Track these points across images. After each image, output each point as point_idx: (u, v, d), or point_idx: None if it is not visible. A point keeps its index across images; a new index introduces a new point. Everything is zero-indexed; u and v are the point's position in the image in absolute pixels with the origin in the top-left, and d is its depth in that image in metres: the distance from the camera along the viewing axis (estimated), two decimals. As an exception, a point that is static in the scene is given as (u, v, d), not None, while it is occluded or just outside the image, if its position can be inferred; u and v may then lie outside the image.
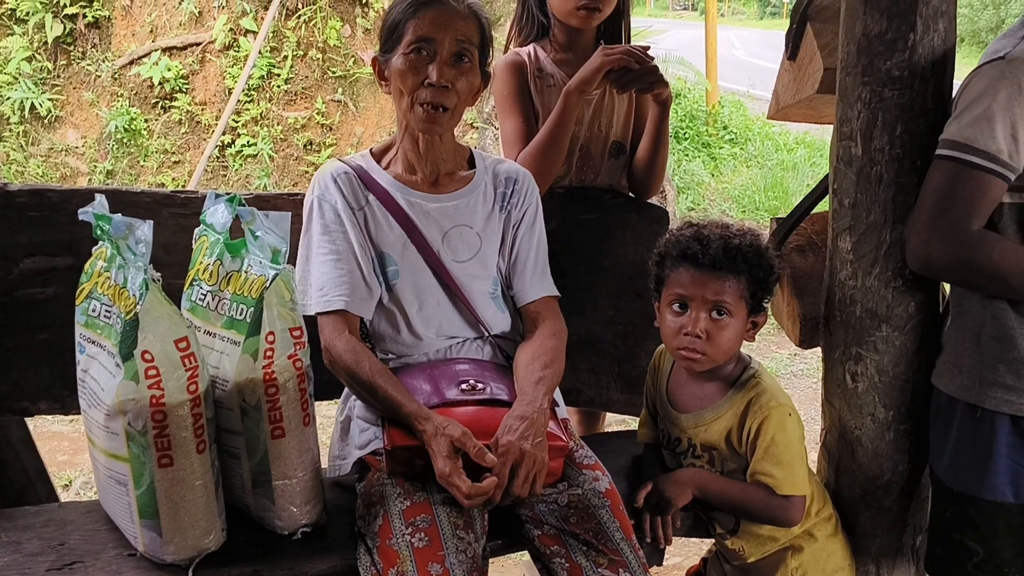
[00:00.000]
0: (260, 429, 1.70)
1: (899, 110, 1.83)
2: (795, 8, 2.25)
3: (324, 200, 1.95)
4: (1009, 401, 1.74)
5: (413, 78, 1.89)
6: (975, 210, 1.69)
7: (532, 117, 2.38)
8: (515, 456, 1.69)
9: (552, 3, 2.37)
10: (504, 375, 1.92)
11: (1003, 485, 1.76)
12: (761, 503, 1.88)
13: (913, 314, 1.90)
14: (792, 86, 2.31)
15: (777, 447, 1.85)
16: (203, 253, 1.80)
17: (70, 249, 1.98)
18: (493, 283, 2.04)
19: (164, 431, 1.59)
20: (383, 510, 1.72)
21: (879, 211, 1.87)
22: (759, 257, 1.85)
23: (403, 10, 1.91)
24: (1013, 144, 1.66)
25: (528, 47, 2.44)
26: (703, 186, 7.76)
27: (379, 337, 1.98)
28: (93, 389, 1.64)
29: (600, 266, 2.35)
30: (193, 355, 1.61)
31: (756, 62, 11.04)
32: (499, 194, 2.06)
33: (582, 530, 1.74)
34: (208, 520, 1.68)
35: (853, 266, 1.93)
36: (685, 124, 8.79)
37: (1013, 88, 1.64)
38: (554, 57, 2.42)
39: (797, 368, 4.88)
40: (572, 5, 2.30)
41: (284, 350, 1.69)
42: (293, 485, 1.74)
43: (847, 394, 1.99)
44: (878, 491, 2.01)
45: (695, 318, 1.85)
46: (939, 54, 1.82)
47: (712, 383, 1.95)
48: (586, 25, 2.35)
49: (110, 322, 1.62)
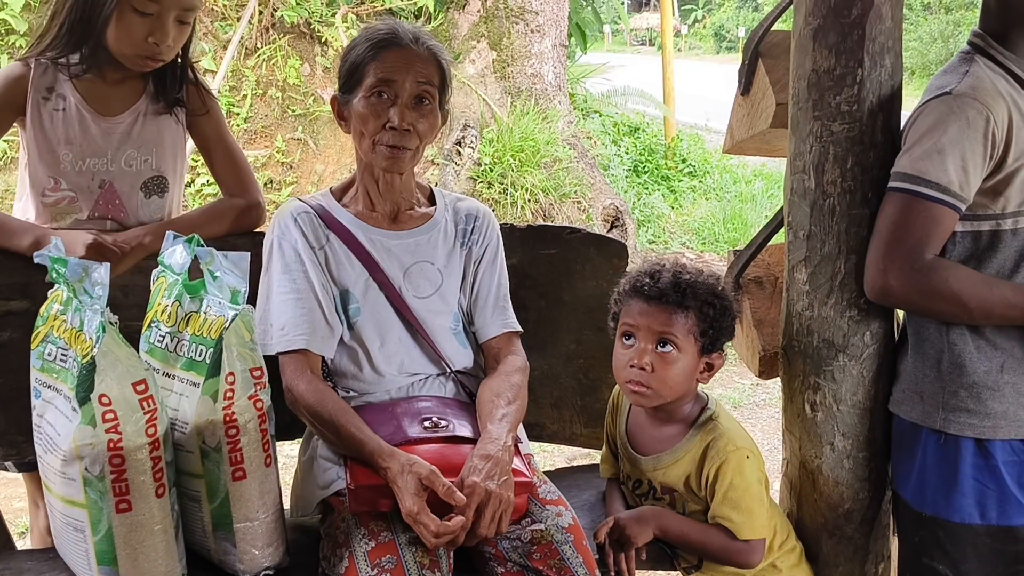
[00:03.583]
0: (221, 471, 1.68)
1: (849, 143, 1.87)
2: (747, 44, 2.30)
3: (284, 239, 1.95)
4: (972, 425, 1.78)
5: (375, 121, 1.90)
6: (929, 240, 1.73)
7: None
8: (481, 497, 1.68)
9: (112, 37, 2.01)
10: (467, 412, 1.92)
11: (970, 507, 1.79)
12: (720, 546, 1.88)
13: (869, 343, 1.93)
14: (746, 121, 2.35)
15: (736, 491, 1.85)
16: (161, 294, 1.79)
17: (25, 293, 1.96)
18: (455, 319, 2.04)
19: (122, 476, 1.57)
20: (348, 551, 1.71)
21: (833, 242, 1.90)
22: (710, 295, 1.86)
23: (363, 52, 1.92)
24: (963, 175, 1.70)
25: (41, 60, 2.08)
26: (663, 219, 7.82)
27: (341, 375, 1.97)
28: (49, 434, 1.62)
29: (561, 300, 2.36)
30: (152, 397, 1.60)
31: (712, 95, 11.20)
32: (460, 230, 2.07)
33: (545, 566, 1.73)
34: (168, 565, 1.66)
35: (809, 297, 1.96)
36: (644, 158, 8.87)
37: (961, 122, 1.69)
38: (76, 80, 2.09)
39: (759, 398, 4.91)
40: (138, 52, 2.03)
41: (244, 391, 1.68)
42: (255, 527, 1.72)
43: (806, 423, 2.01)
44: (840, 520, 2.02)
45: (641, 350, 1.85)
46: (886, 89, 1.87)
47: (670, 425, 1.95)
48: (142, 70, 2.09)
49: (67, 366, 1.61)
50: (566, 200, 6.28)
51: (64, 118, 2.07)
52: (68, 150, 2.07)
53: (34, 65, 2.07)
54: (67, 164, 2.07)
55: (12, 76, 2.07)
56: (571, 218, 6.14)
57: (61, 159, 2.07)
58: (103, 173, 2.10)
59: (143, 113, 2.13)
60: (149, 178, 2.15)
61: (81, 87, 2.08)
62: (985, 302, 1.73)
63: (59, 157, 2.07)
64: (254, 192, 2.26)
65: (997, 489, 1.77)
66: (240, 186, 2.25)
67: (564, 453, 3.97)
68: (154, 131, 2.15)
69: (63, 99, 2.07)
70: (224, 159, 2.25)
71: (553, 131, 6.50)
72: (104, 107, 2.10)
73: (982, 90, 1.71)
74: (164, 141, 2.17)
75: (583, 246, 2.38)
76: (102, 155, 2.10)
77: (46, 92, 2.07)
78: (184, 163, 2.26)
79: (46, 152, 2.07)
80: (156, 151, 2.16)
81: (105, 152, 2.10)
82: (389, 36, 1.92)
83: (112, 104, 2.11)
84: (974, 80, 1.72)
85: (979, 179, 1.72)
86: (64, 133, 2.07)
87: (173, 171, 2.21)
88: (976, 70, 1.74)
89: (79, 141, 2.07)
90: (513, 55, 6.66)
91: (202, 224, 2.10)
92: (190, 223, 2.11)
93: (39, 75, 2.06)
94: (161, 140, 2.16)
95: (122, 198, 2.12)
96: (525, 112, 6.50)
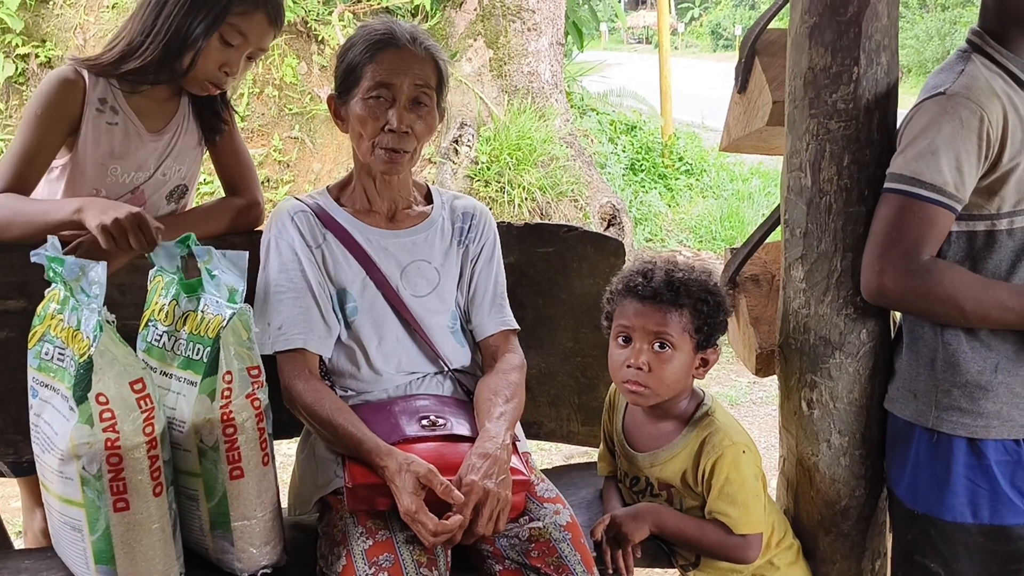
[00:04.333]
0: (218, 470, 1.68)
1: (846, 141, 1.87)
2: (743, 42, 2.30)
3: (281, 239, 1.96)
4: (965, 424, 1.78)
5: (373, 124, 1.90)
6: (925, 241, 1.73)
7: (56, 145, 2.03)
8: (479, 495, 1.68)
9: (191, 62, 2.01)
10: (465, 410, 1.92)
11: (961, 506, 1.79)
12: (717, 541, 1.89)
13: (865, 341, 1.93)
14: (743, 119, 2.35)
15: (732, 486, 1.86)
16: (158, 293, 1.79)
17: (22, 292, 1.95)
18: (452, 317, 2.04)
19: (120, 474, 1.57)
20: (346, 550, 1.71)
21: (829, 240, 1.90)
22: (704, 292, 1.86)
23: (360, 53, 1.92)
24: (958, 176, 1.70)
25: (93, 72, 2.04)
26: (660, 217, 7.83)
27: (339, 374, 1.97)
28: (47, 433, 1.62)
29: (558, 299, 2.36)
30: (149, 396, 1.60)
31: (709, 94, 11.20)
32: (457, 229, 2.08)
33: (543, 564, 1.73)
34: (166, 564, 1.66)
35: (806, 295, 1.96)
36: (641, 156, 8.87)
37: (955, 122, 1.69)
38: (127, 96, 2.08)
39: (756, 396, 4.92)
40: (208, 78, 2.03)
41: (242, 389, 1.68)
42: (252, 526, 1.72)
43: (803, 421, 2.02)
44: (836, 517, 2.03)
45: (637, 350, 1.86)
46: (883, 87, 1.87)
47: (667, 421, 1.95)
48: (201, 93, 2.10)
49: (64, 365, 1.60)
50: (563, 198, 6.28)
51: (115, 132, 2.06)
52: (117, 164, 2.07)
53: (86, 73, 2.03)
54: (113, 177, 2.08)
55: (68, 83, 2.01)
56: (568, 216, 6.14)
57: (109, 172, 2.07)
58: (141, 183, 2.13)
59: (181, 128, 2.16)
60: (175, 187, 2.19)
61: (131, 101, 2.07)
62: (981, 305, 1.72)
63: (107, 170, 2.07)
64: (255, 191, 2.27)
65: (989, 488, 1.77)
66: (243, 185, 2.26)
67: (562, 451, 3.97)
68: (186, 144, 2.18)
69: (115, 112, 2.05)
70: (231, 159, 2.27)
71: (550, 129, 6.50)
72: (151, 122, 2.10)
73: (976, 89, 1.70)
74: (192, 153, 2.20)
75: (580, 244, 2.38)
76: (146, 169, 2.12)
77: (99, 104, 2.04)
78: (200, 168, 2.30)
79: (95, 164, 2.05)
80: (186, 163, 2.19)
81: (149, 166, 2.12)
82: (386, 36, 1.92)
83: (157, 119, 2.12)
84: (969, 79, 1.72)
85: (974, 179, 1.72)
86: (114, 147, 2.06)
87: (193, 179, 2.26)
88: (972, 69, 1.74)
89: (129, 156, 2.08)
90: (510, 53, 6.66)
91: (204, 221, 2.12)
92: (193, 219, 2.13)
93: (92, 85, 2.03)
94: (191, 152, 2.20)
95: (147, 203, 2.13)
96: (522, 110, 6.50)
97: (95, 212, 1.80)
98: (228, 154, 2.26)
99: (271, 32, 2.06)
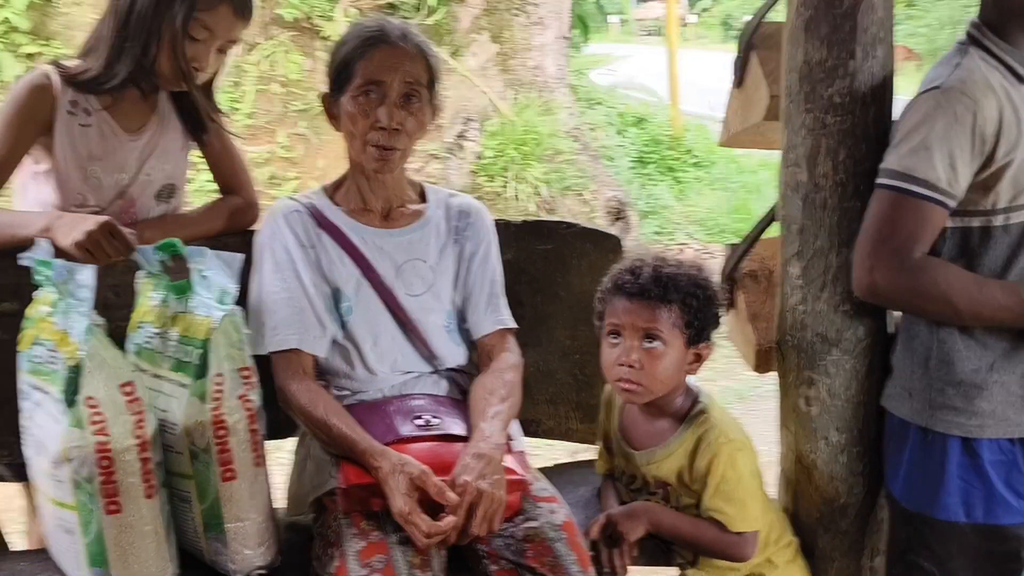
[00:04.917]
0: (210, 472, 1.68)
1: (841, 136, 1.85)
2: (741, 36, 2.28)
3: (275, 239, 1.95)
4: (959, 423, 1.77)
5: (363, 121, 1.90)
6: (917, 237, 1.71)
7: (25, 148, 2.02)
8: (473, 496, 1.67)
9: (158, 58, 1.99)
10: (460, 409, 1.91)
11: (955, 505, 1.78)
12: (714, 539, 1.87)
13: (862, 337, 1.92)
14: (740, 113, 2.33)
15: (728, 484, 1.84)
16: (147, 296, 1.79)
17: (16, 294, 1.95)
18: (448, 316, 2.03)
19: (111, 477, 1.57)
20: (339, 551, 1.70)
21: (825, 236, 1.89)
22: (693, 286, 1.85)
23: (351, 50, 1.92)
24: (952, 172, 1.68)
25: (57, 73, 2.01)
26: (668, 210, 7.79)
27: (334, 373, 1.96)
28: (38, 437, 1.63)
29: (557, 296, 2.35)
30: (139, 399, 1.60)
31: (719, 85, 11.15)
32: (452, 227, 2.07)
33: (539, 563, 1.73)
34: (159, 566, 1.66)
35: (803, 291, 1.95)
36: (649, 149, 8.83)
37: (949, 117, 1.67)
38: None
39: (764, 390, 4.86)
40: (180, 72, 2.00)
41: (233, 391, 1.68)
42: (246, 527, 1.72)
43: (801, 418, 2.01)
44: (835, 514, 2.01)
45: (628, 347, 1.84)
46: (878, 80, 1.85)
47: (663, 419, 1.94)
48: (173, 89, 2.09)
49: (55, 368, 1.60)
50: (569, 193, 6.26)
51: (90, 133, 2.04)
52: (96, 165, 2.05)
53: (56, 76, 2.01)
54: (95, 180, 2.07)
55: (37, 87, 1.99)
56: (574, 211, 6.13)
57: (89, 175, 2.06)
58: (125, 185, 2.11)
59: (160, 126, 2.14)
60: (162, 186, 2.17)
61: (103, 102, 2.05)
62: (974, 303, 1.70)
63: (87, 173, 2.05)
64: (250, 192, 2.27)
65: (983, 488, 1.76)
66: (237, 185, 2.26)
67: (560, 449, 3.96)
68: (168, 142, 2.16)
69: (87, 113, 2.03)
70: (224, 159, 2.26)
71: (555, 123, 6.49)
72: (126, 122, 2.08)
73: (971, 83, 1.68)
74: (176, 151, 2.19)
75: (578, 240, 2.37)
76: (128, 170, 2.10)
77: (71, 106, 2.02)
78: (187, 166, 2.28)
79: (76, 168, 2.04)
80: (171, 161, 2.17)
81: (130, 167, 2.10)
82: (377, 33, 1.91)
83: (132, 119, 2.10)
84: (964, 73, 1.69)
85: (968, 175, 1.69)
86: (91, 149, 2.04)
87: (181, 177, 2.23)
88: (968, 63, 1.71)
89: (107, 157, 2.06)
90: (515, 48, 6.64)
91: (198, 222, 2.13)
92: (187, 220, 2.13)
93: (63, 88, 2.01)
94: (175, 150, 2.18)
95: (136, 205, 2.13)
96: (527, 105, 6.49)
97: (64, 231, 1.81)
98: (220, 154, 2.25)
99: (238, 24, 2.03)
